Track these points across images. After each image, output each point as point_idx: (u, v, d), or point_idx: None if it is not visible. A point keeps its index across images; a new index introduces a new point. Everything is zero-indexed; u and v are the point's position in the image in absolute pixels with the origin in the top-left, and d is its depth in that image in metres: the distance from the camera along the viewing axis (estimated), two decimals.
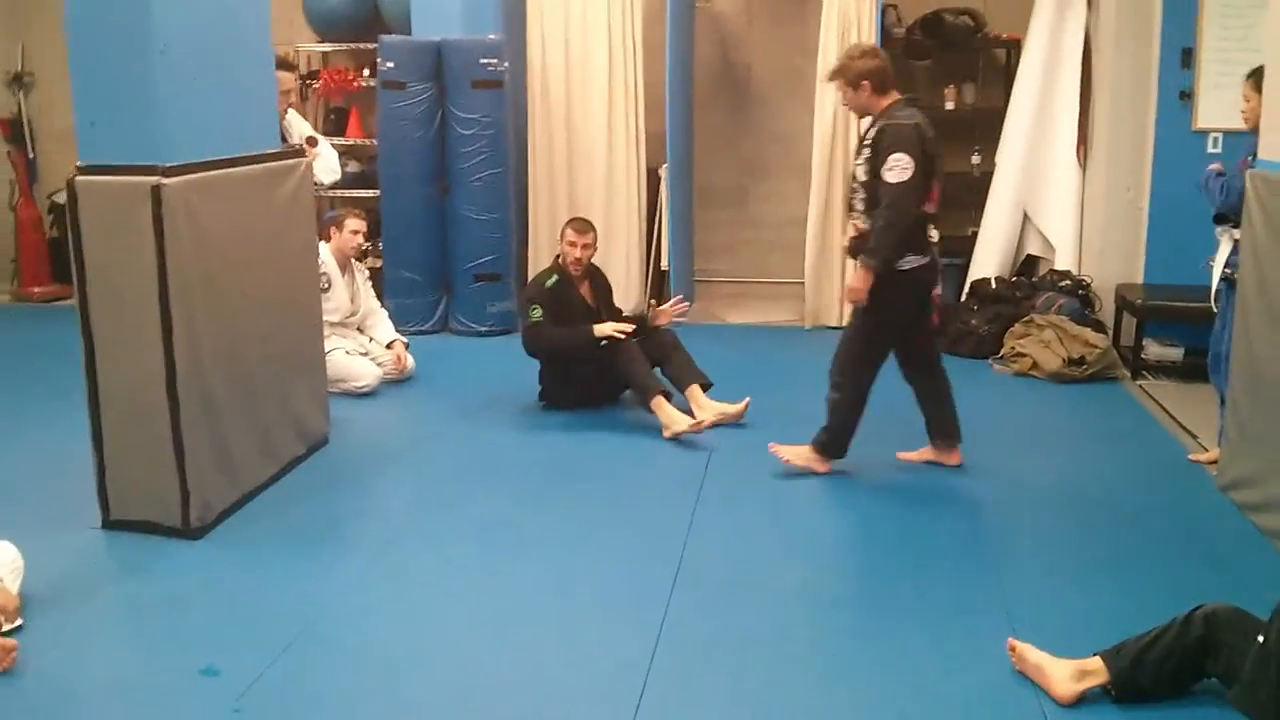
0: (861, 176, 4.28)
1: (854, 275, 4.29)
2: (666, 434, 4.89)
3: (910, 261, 4.20)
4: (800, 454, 4.50)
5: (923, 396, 4.56)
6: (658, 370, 5.23)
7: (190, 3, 3.78)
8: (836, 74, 4.38)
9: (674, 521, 4.02)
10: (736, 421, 5.06)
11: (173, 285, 3.66)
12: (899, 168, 4.09)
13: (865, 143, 4.28)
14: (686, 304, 5.59)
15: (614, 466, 4.64)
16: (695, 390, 5.15)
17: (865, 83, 4.28)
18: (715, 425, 5.00)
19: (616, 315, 5.42)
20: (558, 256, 5.35)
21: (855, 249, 4.34)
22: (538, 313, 5.15)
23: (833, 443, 4.45)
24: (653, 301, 6.61)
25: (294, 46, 7.59)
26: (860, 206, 4.30)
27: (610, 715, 2.82)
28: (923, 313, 4.39)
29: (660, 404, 4.95)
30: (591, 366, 5.14)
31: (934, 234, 4.27)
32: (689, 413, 5.00)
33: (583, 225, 5.34)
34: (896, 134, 4.15)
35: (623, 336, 5.05)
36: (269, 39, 4.39)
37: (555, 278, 5.27)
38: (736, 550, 3.81)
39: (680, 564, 3.67)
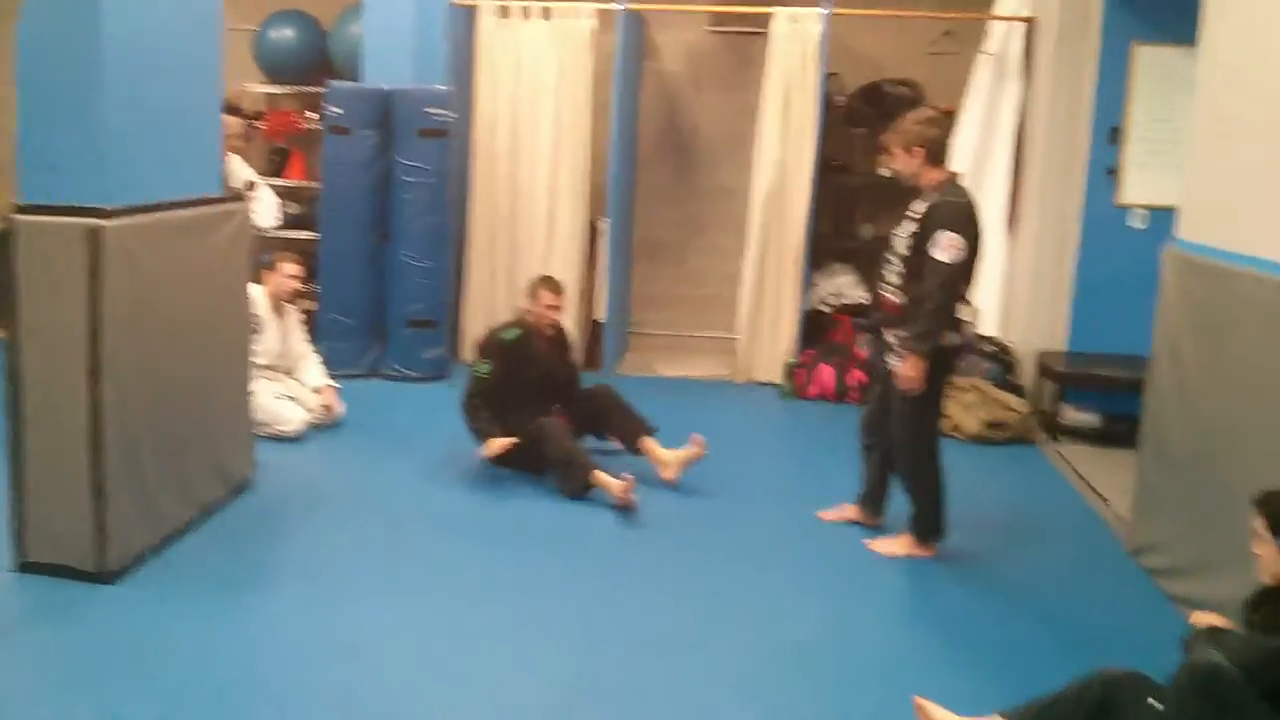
0: (901, 250, 4.14)
1: (906, 364, 4.07)
2: (620, 500, 4.69)
3: (951, 339, 4.11)
4: (901, 545, 4.35)
5: (878, 464, 4.48)
6: (595, 436, 5.25)
7: (140, 45, 3.80)
8: (893, 135, 4.19)
9: (595, 578, 4.04)
10: (700, 460, 4.98)
11: (104, 327, 3.65)
12: (952, 247, 3.96)
13: (911, 216, 4.13)
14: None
15: (539, 518, 4.65)
16: (649, 445, 5.05)
17: (920, 149, 4.12)
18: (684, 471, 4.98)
19: (570, 371, 5.40)
20: (524, 312, 5.23)
21: (883, 322, 4.26)
22: (484, 368, 5.06)
23: (931, 527, 4.32)
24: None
25: (241, 87, 7.64)
26: (895, 280, 4.17)
27: None
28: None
29: (599, 479, 4.75)
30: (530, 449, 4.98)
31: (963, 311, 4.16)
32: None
33: (558, 285, 5.23)
34: (951, 212, 4.02)
35: (504, 450, 4.93)
36: (216, 83, 4.41)
37: (517, 332, 5.14)
38: (655, 618, 3.80)
39: (598, 622, 3.69)
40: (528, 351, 5.15)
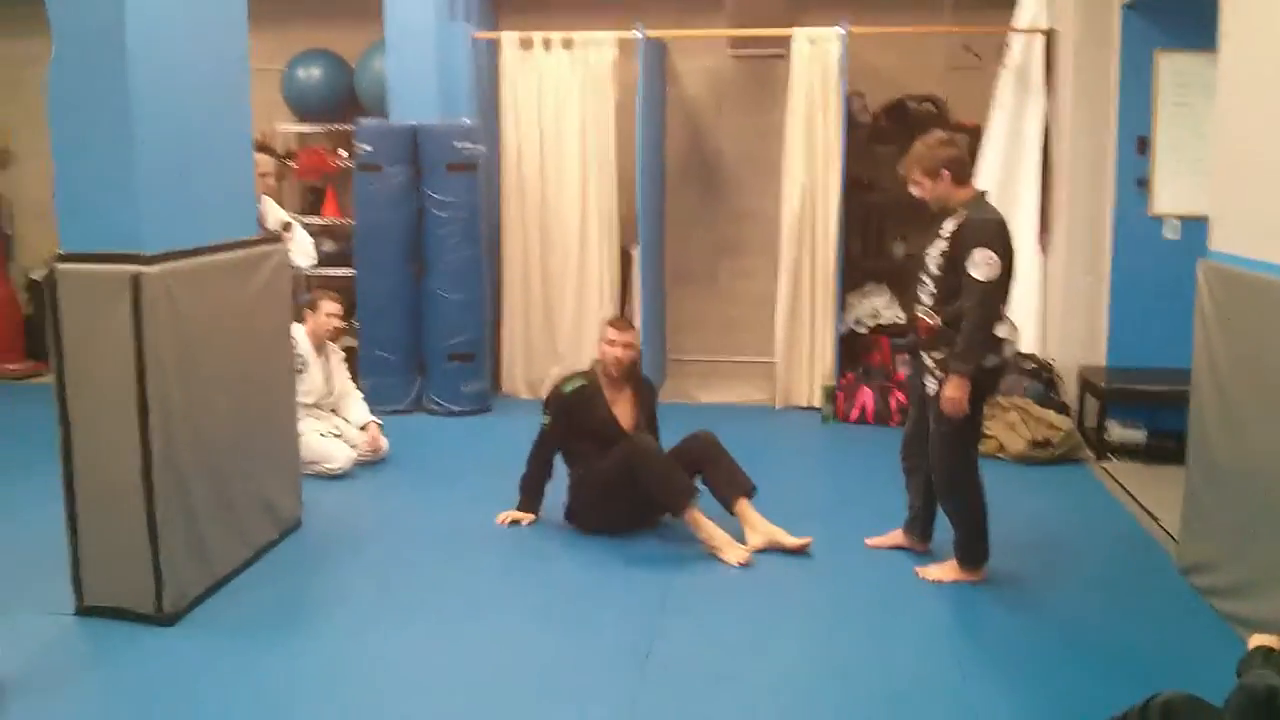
0: (934, 270, 4.11)
1: (950, 384, 4.02)
2: (734, 560, 4.46)
3: (990, 360, 4.06)
4: (948, 571, 4.30)
5: (920, 488, 4.46)
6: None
7: (172, 90, 3.85)
8: (913, 163, 4.16)
9: (641, 617, 4.00)
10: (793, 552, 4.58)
11: (150, 372, 3.70)
12: (987, 264, 3.93)
13: (941, 235, 4.10)
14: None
15: (585, 556, 4.62)
16: (744, 507, 4.68)
17: (945, 171, 4.10)
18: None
19: (655, 431, 5.02)
20: (596, 360, 4.98)
21: (920, 344, 4.23)
22: (545, 420, 4.87)
23: (974, 550, 4.27)
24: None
25: (272, 127, 7.73)
26: (929, 301, 4.15)
27: None
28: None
29: (702, 525, 4.54)
30: (616, 485, 4.65)
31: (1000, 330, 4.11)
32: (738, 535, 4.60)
33: (623, 323, 4.95)
34: (983, 229, 3.99)
35: (510, 523, 4.87)
36: (249, 125, 4.48)
37: (580, 383, 4.88)
38: (705, 646, 3.80)
39: (648, 659, 3.67)
40: (588, 404, 4.85)
